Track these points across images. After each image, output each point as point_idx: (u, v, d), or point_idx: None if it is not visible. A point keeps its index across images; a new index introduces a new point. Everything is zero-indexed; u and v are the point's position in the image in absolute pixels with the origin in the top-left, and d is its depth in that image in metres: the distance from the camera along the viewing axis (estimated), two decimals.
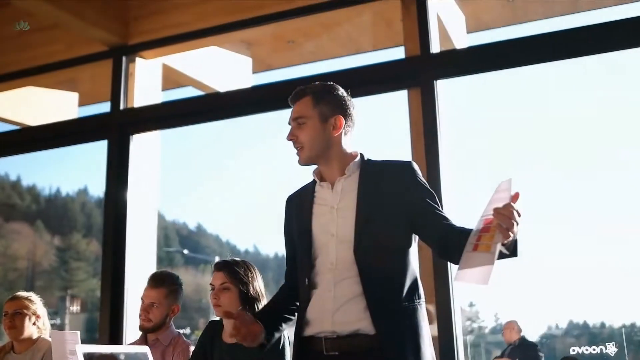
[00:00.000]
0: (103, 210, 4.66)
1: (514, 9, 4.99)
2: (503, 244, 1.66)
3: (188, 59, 5.15)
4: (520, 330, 6.49)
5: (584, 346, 3.36)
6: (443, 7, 4.36)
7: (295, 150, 2.10)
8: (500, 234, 1.63)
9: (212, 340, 2.66)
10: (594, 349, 3.32)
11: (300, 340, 2.03)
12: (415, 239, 2.06)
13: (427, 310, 2.08)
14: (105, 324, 4.31)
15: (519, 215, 1.65)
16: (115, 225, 4.48)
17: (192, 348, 2.90)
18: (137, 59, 4.78)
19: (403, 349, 1.88)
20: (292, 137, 2.10)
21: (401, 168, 2.08)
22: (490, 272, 1.63)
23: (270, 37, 5.40)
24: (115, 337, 4.26)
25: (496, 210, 1.64)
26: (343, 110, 2.11)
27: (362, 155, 2.14)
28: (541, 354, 6.39)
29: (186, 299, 3.12)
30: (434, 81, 3.82)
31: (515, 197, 1.67)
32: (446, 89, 3.91)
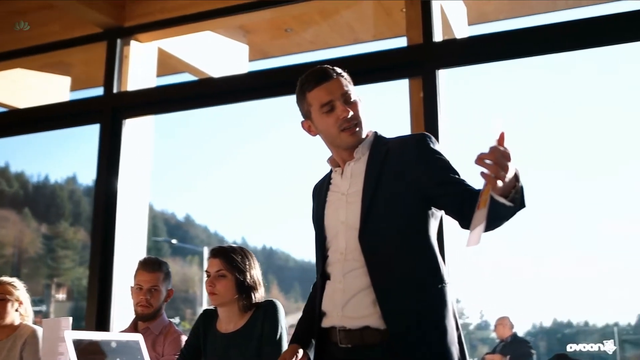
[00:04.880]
0: (93, 195, 4.56)
1: (516, 2, 4.93)
2: (505, 197, 1.53)
3: (184, 44, 5.05)
4: (512, 327, 6.47)
5: (582, 343, 3.31)
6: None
7: (348, 128, 1.95)
8: (489, 184, 1.47)
9: (206, 329, 2.58)
10: (591, 347, 3.27)
11: (319, 330, 1.96)
12: (435, 217, 1.91)
13: None
14: (93, 313, 4.22)
15: (506, 158, 1.48)
16: (105, 212, 4.38)
17: (183, 337, 2.84)
18: (132, 42, 4.67)
19: (418, 344, 1.76)
20: (348, 111, 1.94)
21: (413, 141, 1.96)
22: (481, 230, 1.48)
23: (268, 25, 5.32)
24: (102, 325, 4.17)
25: (479, 157, 1.48)
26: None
27: (375, 134, 2.03)
28: (533, 351, 6.38)
29: (173, 288, 3.07)
30: (436, 70, 3.75)
31: (500, 139, 1.50)
32: (447, 79, 3.85)
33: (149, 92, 4.66)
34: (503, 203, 1.54)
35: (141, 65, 4.73)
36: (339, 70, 2.01)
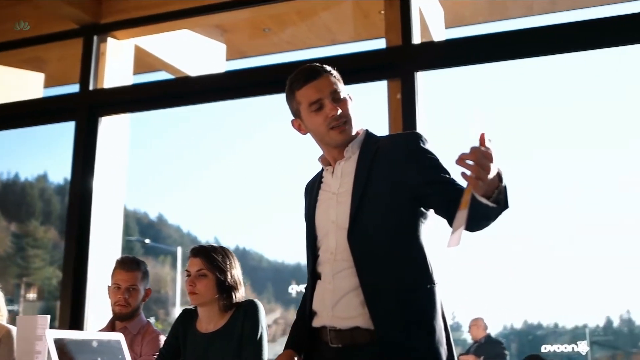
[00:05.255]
0: (68, 193, 4.50)
1: (493, 6, 4.98)
2: (488, 197, 1.51)
3: (161, 41, 5.02)
4: (486, 328, 6.51)
5: (556, 344, 3.36)
6: (424, 1, 4.32)
7: (337, 126, 1.93)
8: (470, 184, 1.46)
9: (186, 329, 2.56)
10: (565, 347, 3.32)
11: (310, 329, 1.95)
12: (425, 216, 1.89)
13: None
14: (66, 312, 4.17)
15: (488, 158, 1.46)
16: (80, 211, 4.34)
17: (162, 337, 2.82)
18: (109, 39, 4.64)
19: (406, 344, 1.75)
20: (337, 109, 1.93)
21: (403, 139, 1.95)
22: (461, 231, 1.45)
23: (246, 24, 5.32)
24: (76, 325, 4.12)
25: (460, 157, 1.46)
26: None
27: (366, 132, 2.02)
28: (506, 352, 6.44)
29: (151, 288, 3.05)
30: (415, 73, 3.77)
31: (480, 139, 1.48)
32: (426, 81, 3.88)
33: (125, 90, 4.62)
34: (486, 204, 1.53)
35: (118, 63, 4.69)
36: (328, 68, 2.00)
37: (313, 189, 2.06)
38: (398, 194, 1.85)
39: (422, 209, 1.88)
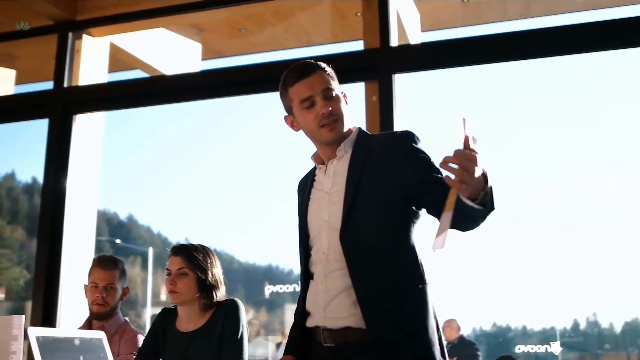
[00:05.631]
0: (41, 192, 4.43)
1: (468, 11, 5.03)
2: (474, 198, 1.51)
3: (137, 40, 4.98)
4: (459, 329, 6.56)
5: (529, 345, 3.40)
6: (401, 4, 4.35)
7: (328, 124, 1.92)
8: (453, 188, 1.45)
9: (165, 328, 2.54)
10: (539, 348, 3.36)
11: (304, 329, 1.94)
12: (417, 216, 1.89)
13: None
14: (38, 312, 4.10)
15: (472, 161, 1.45)
16: (53, 210, 4.28)
17: (140, 337, 2.79)
18: (84, 36, 4.59)
19: (398, 344, 1.75)
20: (328, 107, 1.91)
21: (396, 138, 1.93)
22: (446, 234, 1.44)
23: (222, 24, 5.30)
24: (48, 326, 4.05)
25: (444, 160, 1.45)
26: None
27: (359, 131, 2.01)
28: (479, 353, 6.49)
29: (129, 287, 3.03)
30: (392, 75, 3.80)
31: (465, 142, 1.47)
32: (403, 84, 3.90)
33: (100, 88, 4.58)
34: (471, 206, 1.53)
35: (93, 60, 4.64)
36: (322, 65, 1.99)
37: (306, 187, 2.05)
38: (391, 194, 1.84)
39: (414, 208, 1.87)
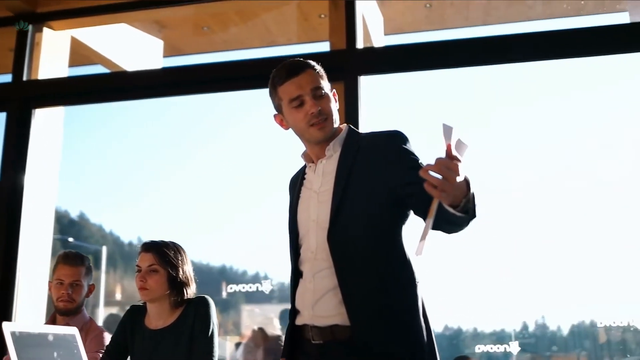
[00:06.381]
0: None
1: (431, 15, 5.10)
2: (454, 206, 1.52)
3: (98, 35, 4.90)
4: None
5: (489, 345, 3.47)
6: (365, 7, 4.39)
7: (317, 123, 1.92)
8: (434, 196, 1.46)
9: (134, 325, 2.51)
10: (498, 347, 3.43)
11: (293, 327, 1.95)
12: (405, 216, 1.90)
13: None
14: None
15: (453, 170, 1.45)
16: (10, 207, 4.17)
17: (106, 334, 2.76)
18: (45, 29, 4.49)
19: (384, 344, 1.76)
20: (317, 106, 1.91)
21: (384, 138, 1.93)
22: (425, 240, 1.46)
23: (184, 21, 5.26)
24: None
25: (424, 168, 1.46)
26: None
27: (349, 129, 2.02)
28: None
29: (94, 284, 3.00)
30: (358, 77, 3.81)
31: (447, 150, 1.47)
32: (368, 86, 3.93)
33: (61, 82, 4.48)
34: (452, 213, 1.54)
35: (53, 54, 4.55)
36: (312, 63, 1.99)
37: (296, 185, 2.06)
38: (379, 194, 1.85)
39: (402, 209, 1.88)
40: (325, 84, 1.98)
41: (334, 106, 1.98)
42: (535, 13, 4.82)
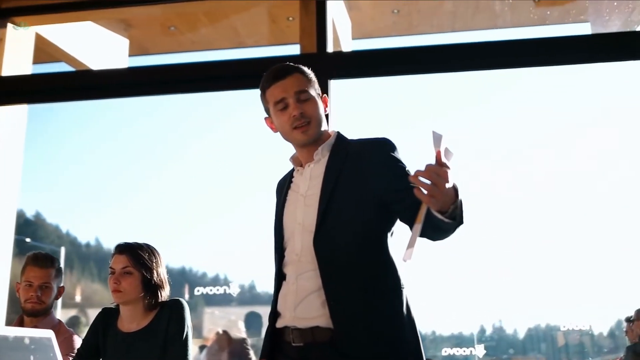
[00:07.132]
0: None
1: (399, 21, 5.16)
2: (442, 212, 1.55)
3: (64, 32, 4.82)
4: None
5: (455, 348, 3.52)
6: (334, 12, 4.40)
7: (300, 126, 1.93)
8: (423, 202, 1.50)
9: (106, 328, 2.48)
10: (464, 351, 3.48)
11: (273, 330, 1.94)
12: (391, 222, 1.92)
13: None
14: None
15: (443, 177, 1.49)
16: None
17: (75, 337, 2.72)
18: (9, 25, 4.39)
19: (367, 345, 1.76)
20: (298, 110, 1.93)
21: (373, 145, 1.95)
22: (413, 246, 1.49)
23: (151, 21, 5.21)
24: None
25: (415, 174, 1.49)
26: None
27: (338, 135, 2.04)
28: None
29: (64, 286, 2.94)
30: (328, 81, 3.83)
31: (437, 157, 1.50)
32: (337, 90, 3.94)
33: (24, 79, 4.39)
34: (440, 219, 1.57)
35: (17, 51, 4.45)
36: (301, 67, 2.02)
37: (283, 188, 2.07)
38: (365, 200, 1.87)
39: (388, 215, 1.90)
40: (313, 89, 2.00)
41: (321, 110, 2.00)
42: (502, 21, 4.91)
